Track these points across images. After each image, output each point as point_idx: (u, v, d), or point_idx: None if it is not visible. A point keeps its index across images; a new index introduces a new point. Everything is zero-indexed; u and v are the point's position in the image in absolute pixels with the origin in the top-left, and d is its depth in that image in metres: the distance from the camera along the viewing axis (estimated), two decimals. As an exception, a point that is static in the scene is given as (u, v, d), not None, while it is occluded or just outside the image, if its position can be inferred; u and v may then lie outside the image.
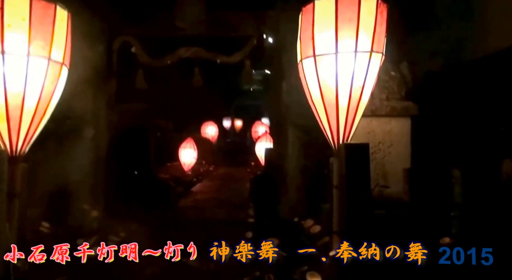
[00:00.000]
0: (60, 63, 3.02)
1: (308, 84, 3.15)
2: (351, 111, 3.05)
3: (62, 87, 3.16)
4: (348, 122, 3.07)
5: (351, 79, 2.98)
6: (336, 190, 3.11)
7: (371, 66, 2.99)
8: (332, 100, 3.04)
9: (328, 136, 3.16)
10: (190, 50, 5.54)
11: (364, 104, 3.09)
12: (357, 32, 2.89)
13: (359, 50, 2.93)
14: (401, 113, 4.00)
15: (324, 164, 5.39)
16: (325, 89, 3.05)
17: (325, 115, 3.11)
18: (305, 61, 3.12)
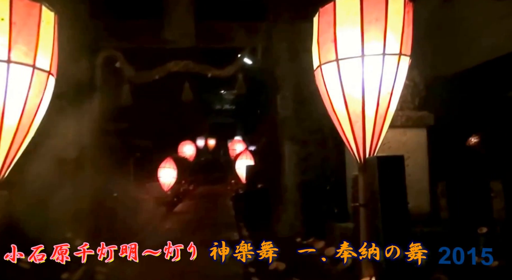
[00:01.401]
0: (46, 71, 2.52)
1: (329, 92, 2.77)
2: (379, 121, 2.68)
3: (48, 100, 2.65)
4: (375, 133, 2.70)
5: (379, 85, 2.62)
6: (363, 209, 2.71)
7: (399, 70, 2.65)
8: (358, 109, 2.67)
9: (352, 149, 2.78)
10: (179, 63, 5.09)
11: (392, 113, 2.74)
12: (385, 33, 2.55)
13: (388, 53, 2.59)
14: (416, 123, 3.69)
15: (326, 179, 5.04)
16: (349, 97, 2.68)
17: (349, 126, 2.73)
18: (325, 66, 2.74)
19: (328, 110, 2.88)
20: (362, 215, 2.72)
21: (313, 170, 5.05)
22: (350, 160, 3.96)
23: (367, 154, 2.73)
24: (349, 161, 4.00)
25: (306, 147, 5.17)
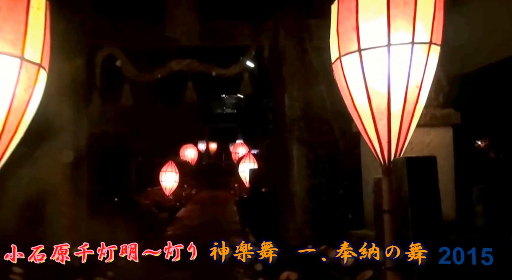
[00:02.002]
0: (36, 64, 2.23)
1: (350, 86, 2.48)
2: (406, 118, 2.39)
3: (39, 96, 2.36)
4: (402, 131, 2.41)
5: (407, 77, 2.33)
6: (387, 216, 2.41)
7: (429, 61, 2.37)
8: (383, 104, 2.38)
9: (375, 149, 2.49)
10: (182, 62, 4.81)
11: (421, 109, 2.45)
12: (414, 18, 2.27)
13: (417, 42, 2.30)
14: (441, 122, 3.39)
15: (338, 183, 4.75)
16: (373, 91, 2.39)
17: (373, 124, 2.44)
18: (345, 58, 2.46)
19: (348, 107, 2.59)
20: (387, 222, 2.41)
21: (323, 173, 4.75)
22: (367, 162, 3.67)
23: (392, 155, 2.44)
24: (366, 163, 3.71)
25: (316, 149, 4.87)
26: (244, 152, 15.01)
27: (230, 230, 6.81)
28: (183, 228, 7.28)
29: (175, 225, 7.61)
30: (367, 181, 3.58)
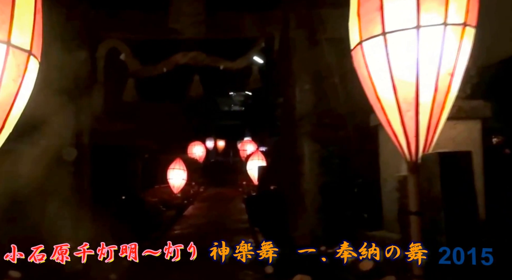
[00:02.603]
0: (26, 51, 1.99)
1: (372, 75, 2.21)
2: (436, 109, 2.13)
3: (30, 87, 2.12)
4: (431, 124, 2.14)
5: (438, 64, 2.06)
6: (415, 218, 2.15)
7: (463, 45, 2.09)
8: (410, 94, 2.11)
9: (401, 144, 2.22)
10: (188, 55, 4.56)
11: (453, 99, 2.18)
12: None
13: (450, 23, 2.03)
14: (469, 114, 3.11)
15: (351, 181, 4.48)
16: (399, 80, 2.12)
17: (398, 116, 2.17)
18: (367, 43, 2.19)
19: (369, 98, 2.32)
20: (414, 225, 2.15)
21: (336, 170, 4.48)
22: (386, 159, 3.41)
23: (420, 151, 2.17)
24: (385, 159, 3.44)
25: (328, 145, 4.61)
26: (252, 149, 14.77)
27: (239, 229, 6.58)
28: (190, 227, 7.07)
29: (183, 224, 7.40)
30: (386, 178, 3.32)
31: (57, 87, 4.08)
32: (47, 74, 4.06)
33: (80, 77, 4.38)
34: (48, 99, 4.11)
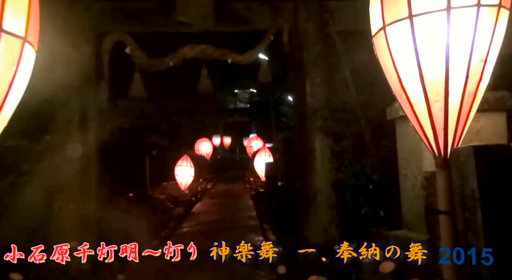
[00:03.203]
0: (20, 38, 1.83)
1: (396, 62, 2.02)
2: (468, 99, 1.93)
3: (26, 77, 1.96)
4: (461, 115, 1.95)
5: (470, 49, 1.86)
6: (445, 218, 1.95)
7: (497, 28, 1.90)
8: (438, 83, 1.92)
9: (427, 138, 2.03)
10: (196, 48, 4.37)
11: (484, 88, 1.99)
12: (481, -26, 1.79)
13: (484, 4, 1.83)
14: (494, 106, 2.90)
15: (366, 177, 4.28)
16: (427, 68, 1.92)
17: (426, 107, 1.98)
18: (391, 28, 1.99)
19: (393, 88, 2.12)
20: (444, 226, 1.96)
21: (350, 166, 4.28)
22: (405, 154, 3.20)
23: (449, 144, 1.98)
24: (404, 154, 3.24)
25: (341, 140, 4.41)
26: (259, 146, 14.60)
27: (248, 226, 6.41)
28: (199, 225, 6.90)
29: (191, 221, 7.23)
30: (406, 174, 3.12)
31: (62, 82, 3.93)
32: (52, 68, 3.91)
33: (85, 72, 4.22)
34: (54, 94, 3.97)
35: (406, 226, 3.06)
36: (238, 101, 26.07)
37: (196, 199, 10.15)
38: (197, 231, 6.30)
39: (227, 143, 22.31)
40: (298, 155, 5.00)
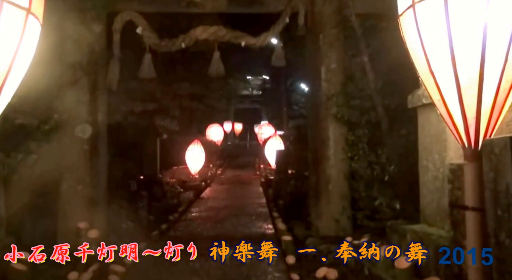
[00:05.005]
0: (24, 9, 1.70)
1: (425, 43, 1.85)
2: (505, 86, 1.77)
3: (31, 50, 1.84)
4: (497, 104, 1.79)
5: (510, 29, 1.68)
6: (473, 215, 1.80)
7: (542, 7, 1.70)
8: (473, 68, 1.75)
9: (456, 127, 1.86)
10: (209, 30, 4.21)
11: (524, 74, 1.80)
12: None
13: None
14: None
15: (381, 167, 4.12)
16: (460, 49, 1.75)
17: (457, 94, 1.82)
18: (422, 4, 1.83)
19: (420, 72, 1.96)
20: (472, 223, 1.82)
21: (364, 156, 4.12)
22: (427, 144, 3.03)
23: (481, 135, 1.82)
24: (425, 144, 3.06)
25: (356, 128, 4.24)
26: (270, 133, 14.45)
27: (257, 213, 6.31)
28: (208, 210, 6.83)
29: (200, 206, 7.17)
30: (427, 166, 2.96)
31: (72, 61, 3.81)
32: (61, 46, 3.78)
33: (95, 51, 4.10)
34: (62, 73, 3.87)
35: (425, 220, 2.91)
36: (251, 88, 25.86)
37: (206, 184, 10.10)
38: (206, 217, 6.22)
39: (238, 129, 22.18)
40: (310, 143, 4.85)
